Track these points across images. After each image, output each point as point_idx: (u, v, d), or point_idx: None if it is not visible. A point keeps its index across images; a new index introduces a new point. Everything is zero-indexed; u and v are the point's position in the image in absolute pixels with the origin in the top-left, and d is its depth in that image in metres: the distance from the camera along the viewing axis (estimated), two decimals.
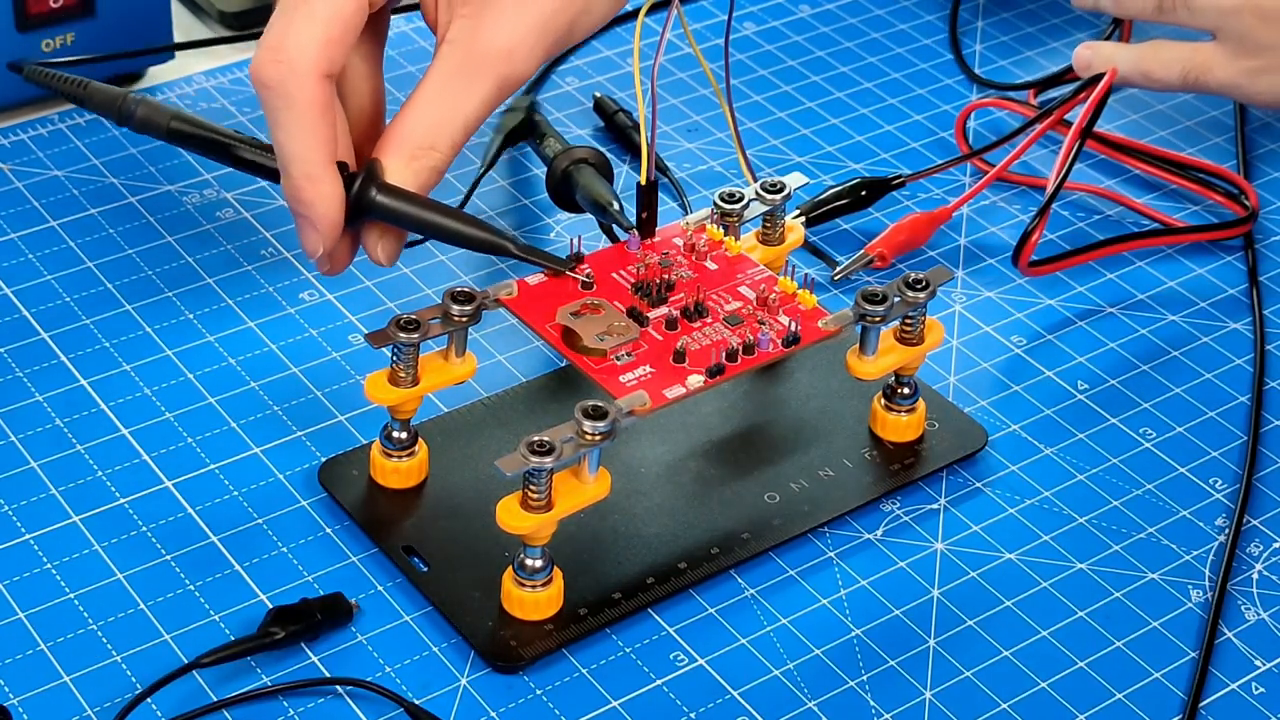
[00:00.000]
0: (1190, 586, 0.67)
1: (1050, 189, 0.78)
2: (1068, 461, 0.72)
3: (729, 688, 0.63)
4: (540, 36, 0.65)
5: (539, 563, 0.63)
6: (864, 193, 0.82)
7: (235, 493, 0.69)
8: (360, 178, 0.64)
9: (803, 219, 0.79)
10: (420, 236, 0.69)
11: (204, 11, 0.94)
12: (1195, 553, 0.68)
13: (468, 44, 0.65)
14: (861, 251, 0.79)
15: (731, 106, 0.75)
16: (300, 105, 0.63)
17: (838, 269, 0.79)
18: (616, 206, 0.74)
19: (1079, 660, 0.64)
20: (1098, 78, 0.80)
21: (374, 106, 0.68)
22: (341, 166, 0.65)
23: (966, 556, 0.68)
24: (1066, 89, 0.83)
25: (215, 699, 0.61)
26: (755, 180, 0.74)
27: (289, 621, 0.63)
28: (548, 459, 0.60)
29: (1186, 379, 0.76)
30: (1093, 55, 0.85)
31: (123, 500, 0.68)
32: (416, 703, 0.61)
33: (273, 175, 0.66)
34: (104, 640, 0.63)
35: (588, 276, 0.68)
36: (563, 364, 0.73)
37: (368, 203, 0.64)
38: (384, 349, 0.66)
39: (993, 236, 0.82)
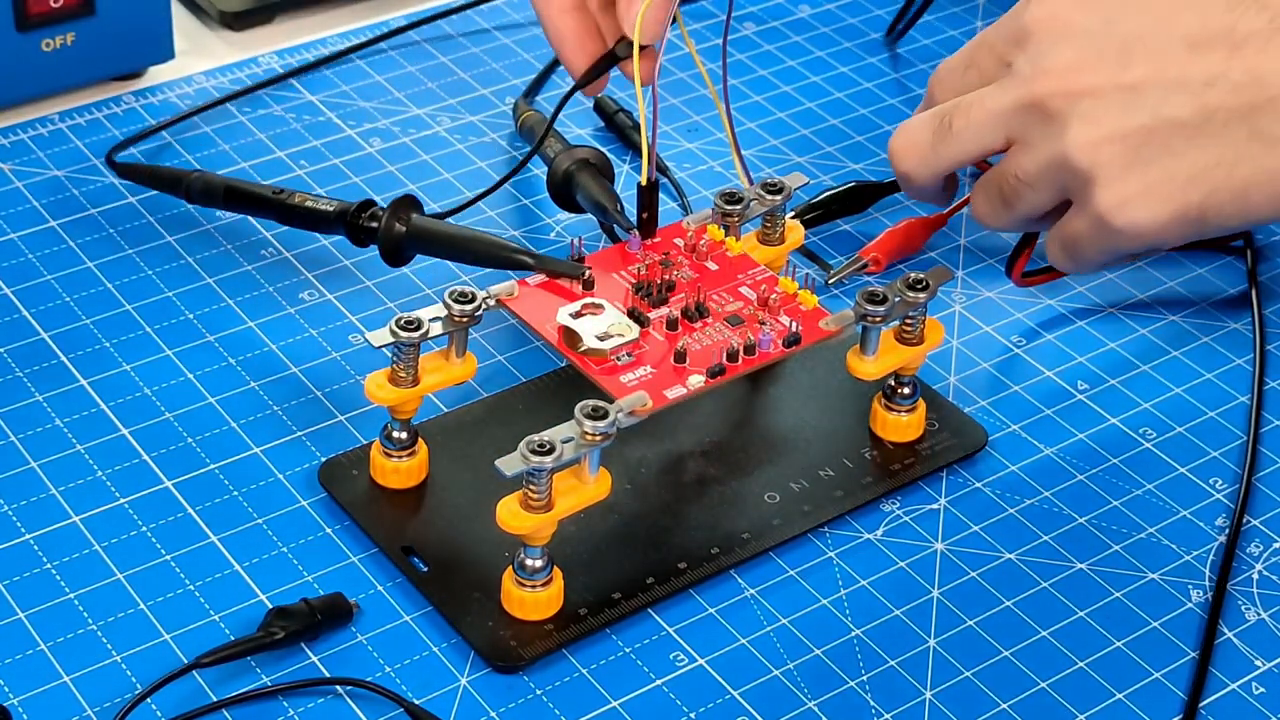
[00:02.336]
0: (1190, 586, 0.67)
1: None
2: (1068, 461, 0.72)
3: (729, 688, 0.63)
4: None
5: (539, 563, 0.63)
6: (858, 196, 0.82)
7: (235, 493, 0.69)
8: (386, 213, 0.73)
9: (797, 221, 0.79)
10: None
11: (204, 11, 0.94)
12: (1195, 553, 0.68)
13: None
14: (855, 256, 0.79)
15: (728, 107, 0.75)
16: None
17: (831, 273, 0.79)
18: (617, 207, 0.74)
19: (1079, 660, 0.64)
20: None
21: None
22: (367, 205, 0.75)
23: (966, 556, 0.68)
24: None
25: (215, 699, 0.61)
26: (751, 183, 0.74)
27: (289, 621, 0.63)
28: (548, 459, 0.60)
29: (1186, 379, 0.76)
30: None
31: (123, 500, 0.68)
32: (416, 703, 0.61)
33: (321, 222, 0.75)
34: (104, 640, 0.63)
35: (589, 277, 0.68)
36: (563, 364, 0.73)
37: (396, 233, 0.73)
38: (384, 349, 0.66)
39: (993, 237, 0.82)
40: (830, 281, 0.78)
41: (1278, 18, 0.66)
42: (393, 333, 0.65)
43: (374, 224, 0.74)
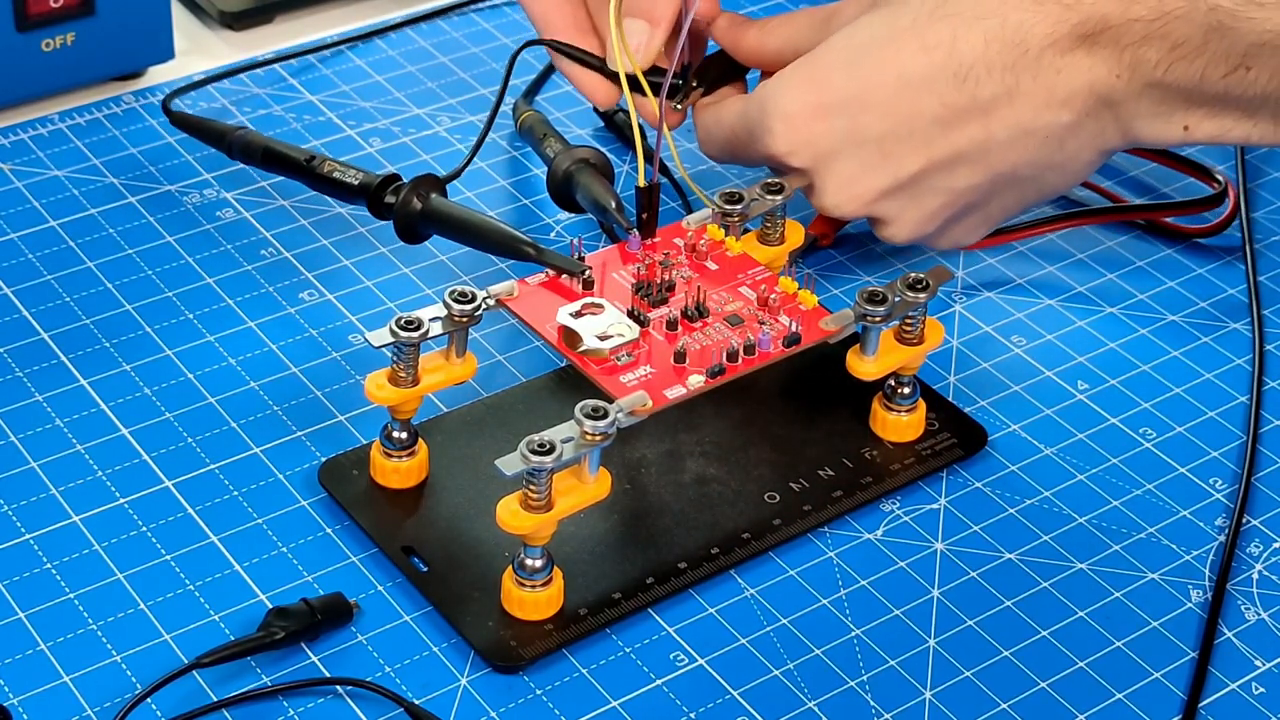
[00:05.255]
0: (1190, 586, 0.67)
1: None
2: (1068, 461, 0.72)
3: (729, 688, 0.63)
4: None
5: (539, 563, 0.63)
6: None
7: (235, 493, 0.69)
8: (405, 188, 0.75)
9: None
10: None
11: (204, 11, 0.94)
12: (1195, 553, 0.68)
13: None
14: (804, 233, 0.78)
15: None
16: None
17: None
18: (615, 206, 0.74)
19: (1079, 660, 0.64)
20: None
21: None
22: (391, 180, 0.77)
23: (966, 556, 0.68)
24: None
25: (215, 699, 0.61)
26: (710, 202, 0.74)
27: (289, 621, 0.63)
28: (548, 459, 0.60)
29: (1186, 379, 0.76)
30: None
31: (123, 500, 0.68)
32: (416, 703, 0.61)
33: (344, 191, 0.77)
34: (104, 640, 0.63)
35: (589, 276, 0.68)
36: (563, 364, 0.73)
37: (412, 209, 0.74)
38: (384, 349, 0.66)
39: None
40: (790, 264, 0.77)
41: (1006, 77, 0.70)
42: (393, 333, 0.65)
43: (393, 199, 0.75)
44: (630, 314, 0.67)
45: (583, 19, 0.78)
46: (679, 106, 0.77)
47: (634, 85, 0.74)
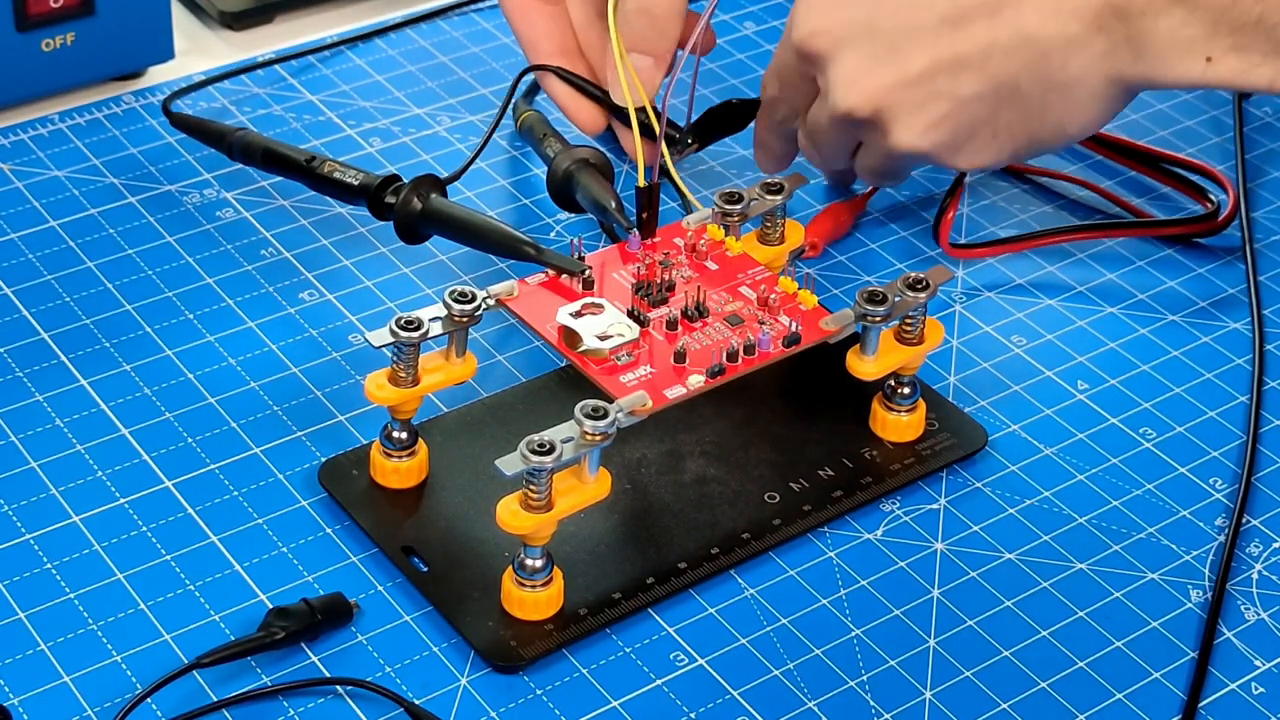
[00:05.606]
0: (1190, 586, 0.67)
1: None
2: (1068, 461, 0.72)
3: (729, 688, 0.63)
4: None
5: (539, 563, 0.63)
6: (735, 113, 0.82)
7: (235, 493, 0.69)
8: (405, 189, 0.75)
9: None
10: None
11: (204, 11, 0.94)
12: (1195, 553, 0.68)
13: None
14: None
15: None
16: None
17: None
18: (615, 206, 0.74)
19: (1079, 660, 0.64)
20: None
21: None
22: (391, 181, 0.77)
23: (966, 556, 0.68)
24: None
25: (215, 699, 0.61)
26: (699, 206, 0.74)
27: (289, 621, 0.63)
28: (548, 459, 0.60)
29: (1186, 379, 0.76)
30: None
31: (123, 500, 0.68)
32: (416, 703, 0.61)
33: (345, 192, 0.77)
34: (104, 640, 0.63)
35: (589, 276, 0.68)
36: (563, 364, 0.73)
37: (412, 209, 0.74)
38: (384, 349, 0.66)
39: (992, 235, 0.82)
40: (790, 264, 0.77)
41: None
42: (393, 333, 0.65)
43: (393, 200, 0.75)
44: (630, 314, 0.67)
45: (570, 44, 0.79)
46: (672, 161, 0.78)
47: (628, 118, 0.75)
